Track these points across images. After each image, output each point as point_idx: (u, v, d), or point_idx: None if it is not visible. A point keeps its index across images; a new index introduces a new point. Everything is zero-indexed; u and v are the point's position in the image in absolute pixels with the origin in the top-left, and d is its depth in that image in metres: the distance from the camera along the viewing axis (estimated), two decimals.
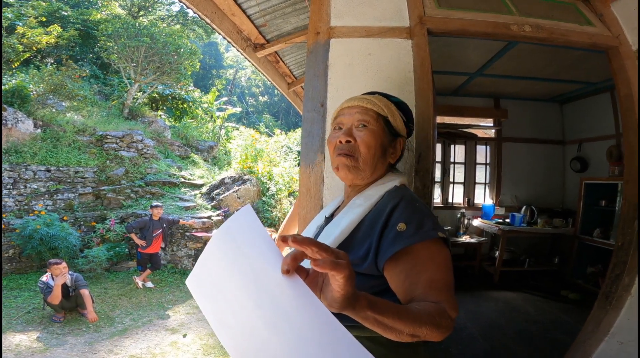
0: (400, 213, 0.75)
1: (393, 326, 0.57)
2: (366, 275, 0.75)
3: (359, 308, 0.53)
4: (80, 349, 3.35)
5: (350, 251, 0.77)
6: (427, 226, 0.72)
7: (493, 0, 1.62)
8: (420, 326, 0.58)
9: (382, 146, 0.87)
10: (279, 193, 7.94)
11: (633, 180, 1.66)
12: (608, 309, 1.69)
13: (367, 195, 0.85)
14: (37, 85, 7.27)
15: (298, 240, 0.49)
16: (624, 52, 1.62)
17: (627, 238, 1.68)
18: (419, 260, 0.70)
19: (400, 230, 0.72)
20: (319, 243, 0.49)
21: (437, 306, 0.63)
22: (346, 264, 0.49)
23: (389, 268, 0.72)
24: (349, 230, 0.81)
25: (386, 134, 0.89)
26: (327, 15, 1.48)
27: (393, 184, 0.86)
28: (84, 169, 6.66)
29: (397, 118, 0.90)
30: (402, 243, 0.70)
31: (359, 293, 0.54)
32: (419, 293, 0.67)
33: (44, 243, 5.09)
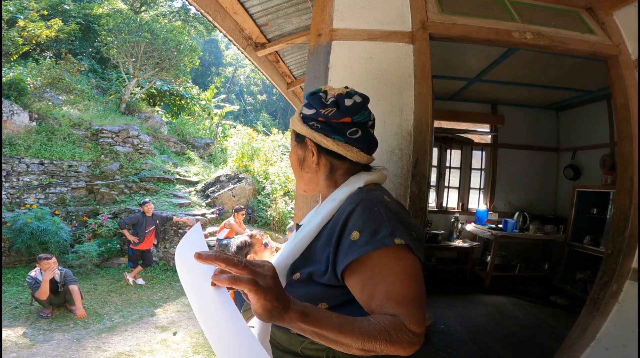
0: (355, 220, 0.69)
1: (337, 340, 0.56)
2: (330, 286, 0.71)
3: (289, 320, 0.54)
4: (67, 345, 3.30)
5: (313, 261, 0.74)
6: (382, 233, 0.66)
7: (496, 7, 1.63)
8: (369, 341, 0.56)
9: (298, 159, 0.87)
10: (275, 192, 7.92)
11: (625, 189, 1.69)
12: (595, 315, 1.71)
13: (330, 200, 0.80)
14: (35, 78, 7.20)
15: (202, 256, 0.52)
16: (623, 61, 1.64)
17: (617, 246, 1.71)
18: (375, 270, 0.65)
19: (353, 238, 0.67)
20: (227, 258, 0.52)
21: (393, 320, 0.59)
22: (248, 280, 0.51)
23: (348, 278, 0.68)
24: (309, 239, 0.77)
25: (297, 145, 0.86)
26: (330, 17, 1.48)
27: (356, 186, 0.79)
28: (78, 163, 6.59)
29: (296, 122, 0.85)
30: (354, 253, 0.66)
31: (292, 305, 0.54)
32: (376, 305, 0.63)
33: (34, 237, 5.02)
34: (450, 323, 3.03)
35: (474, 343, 2.69)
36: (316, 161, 0.83)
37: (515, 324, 3.11)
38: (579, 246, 3.80)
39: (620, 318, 1.65)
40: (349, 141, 0.80)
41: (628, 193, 1.67)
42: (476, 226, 4.50)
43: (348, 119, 0.80)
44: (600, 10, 1.71)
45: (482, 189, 4.90)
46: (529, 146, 4.71)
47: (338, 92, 0.82)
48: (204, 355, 3.39)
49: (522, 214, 4.34)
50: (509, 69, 3.29)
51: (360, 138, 0.81)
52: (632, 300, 1.62)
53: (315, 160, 0.83)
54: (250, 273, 0.52)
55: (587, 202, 3.87)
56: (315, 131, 0.81)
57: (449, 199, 4.94)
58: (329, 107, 0.80)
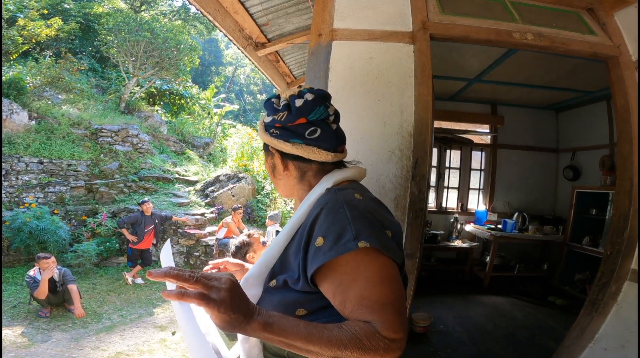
0: (320, 224, 0.66)
1: (306, 348, 0.55)
2: (306, 293, 0.68)
3: (251, 330, 0.55)
4: (65, 345, 3.29)
5: (287, 268, 0.72)
6: (346, 238, 0.62)
7: (496, 8, 1.63)
8: (339, 350, 0.55)
9: (270, 168, 0.86)
10: (274, 192, 7.92)
11: (624, 190, 1.69)
12: (594, 316, 1.72)
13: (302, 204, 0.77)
14: (34, 77, 7.19)
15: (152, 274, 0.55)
16: (623, 62, 1.64)
17: (616, 247, 1.71)
18: (344, 276, 0.62)
19: (318, 245, 0.64)
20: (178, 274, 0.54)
21: (365, 327, 0.56)
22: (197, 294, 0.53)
23: (319, 285, 0.66)
24: (282, 247, 0.74)
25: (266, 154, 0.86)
26: (330, 17, 1.48)
27: (325, 187, 0.75)
28: (77, 162, 6.57)
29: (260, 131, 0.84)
30: (318, 260, 0.63)
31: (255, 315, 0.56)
32: (349, 311, 0.61)
33: (33, 237, 5.01)
34: (449, 324, 3.03)
35: (472, 344, 2.69)
36: (283, 168, 0.82)
37: (513, 324, 3.11)
38: (578, 247, 3.81)
39: (618, 319, 1.65)
40: (309, 141, 0.77)
41: (627, 194, 1.67)
42: (475, 227, 4.51)
43: (303, 119, 0.77)
44: (601, 11, 1.71)
45: (482, 190, 4.90)
46: (528, 147, 4.72)
47: (290, 94, 0.80)
48: None
49: (521, 214, 4.35)
50: (509, 70, 3.29)
51: (320, 136, 0.77)
52: (630, 301, 1.62)
53: (281, 167, 0.82)
54: (202, 287, 0.53)
55: (586, 203, 3.88)
56: (275, 138, 0.79)
57: (449, 199, 4.94)
58: (281, 111, 0.78)
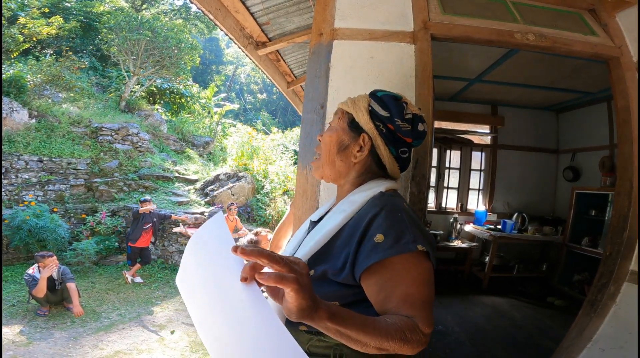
0: (380, 223, 0.71)
1: (357, 338, 0.57)
2: (344, 284, 0.73)
3: (318, 319, 0.53)
4: (64, 343, 3.29)
5: (329, 259, 0.76)
6: (405, 239, 0.69)
7: (498, 8, 1.63)
8: (386, 340, 0.58)
9: (338, 143, 0.85)
10: (274, 191, 7.91)
11: (624, 191, 1.69)
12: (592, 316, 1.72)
13: (351, 201, 0.81)
14: (35, 75, 7.19)
15: (246, 251, 0.50)
16: (624, 63, 1.63)
17: (616, 248, 1.71)
18: (395, 273, 0.68)
19: (377, 241, 0.69)
20: (271, 256, 0.50)
21: (408, 321, 0.62)
22: (293, 278, 0.49)
23: (365, 279, 0.70)
24: (328, 237, 0.78)
25: (347, 131, 0.85)
26: (331, 17, 1.48)
27: (378, 190, 0.81)
28: (77, 161, 6.57)
29: (361, 112, 0.84)
30: (378, 255, 0.68)
31: (321, 303, 0.54)
32: (392, 306, 0.66)
33: (32, 235, 5.00)
34: (448, 324, 3.03)
35: (471, 344, 2.70)
36: (361, 158, 0.84)
37: (512, 325, 3.11)
38: (577, 248, 3.81)
39: (617, 320, 1.65)
40: (397, 157, 0.85)
41: (627, 195, 1.67)
42: (475, 227, 4.51)
43: (410, 139, 0.85)
44: (602, 12, 1.71)
45: (481, 190, 4.90)
46: (528, 147, 4.72)
47: (415, 112, 0.86)
48: (201, 353, 3.39)
49: (520, 215, 4.35)
50: (510, 70, 3.29)
51: (406, 158, 0.87)
52: (629, 302, 1.63)
53: (360, 156, 0.84)
54: (290, 271, 0.51)
55: (586, 204, 3.88)
56: (379, 134, 0.83)
57: (448, 199, 4.94)
58: (406, 122, 0.84)
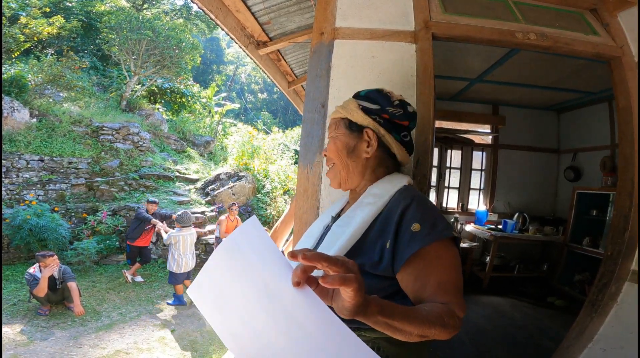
0: (413, 213, 0.74)
1: (402, 328, 0.58)
2: (380, 277, 0.75)
3: (370, 314, 0.55)
4: (64, 343, 3.30)
5: (363, 253, 0.77)
6: (440, 226, 0.72)
7: (499, 8, 1.63)
8: (429, 327, 0.60)
9: (346, 147, 0.89)
10: (274, 190, 7.92)
11: (626, 191, 1.69)
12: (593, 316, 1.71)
13: (376, 194, 0.84)
14: (36, 75, 7.20)
15: (308, 256, 0.50)
16: (626, 63, 1.63)
17: (617, 248, 1.71)
18: (428, 262, 0.70)
19: (414, 230, 0.72)
20: (330, 258, 0.50)
21: (445, 307, 0.64)
22: (354, 277, 0.49)
23: (404, 269, 0.72)
24: (363, 229, 0.79)
25: (348, 134, 0.89)
26: (332, 16, 1.48)
27: (403, 183, 0.85)
28: (78, 160, 6.58)
29: (354, 112, 0.89)
30: (418, 243, 0.70)
31: (370, 299, 0.55)
32: (428, 294, 0.68)
33: (33, 234, 5.01)
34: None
35: (471, 344, 2.69)
36: (372, 152, 0.88)
37: (512, 325, 3.11)
38: (578, 248, 3.81)
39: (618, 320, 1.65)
40: (402, 141, 0.90)
41: (628, 195, 1.67)
42: (475, 227, 4.50)
43: (407, 122, 0.91)
44: (604, 11, 1.70)
45: (482, 190, 4.90)
46: (529, 147, 4.71)
47: (400, 98, 0.92)
48: (201, 352, 3.40)
49: (521, 215, 4.34)
50: (511, 70, 3.28)
51: (409, 141, 0.92)
52: (630, 302, 1.62)
53: (371, 151, 0.88)
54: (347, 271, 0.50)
55: (587, 204, 3.87)
56: (380, 125, 0.88)
57: (449, 199, 4.94)
58: (397, 107, 0.89)
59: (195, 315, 4.24)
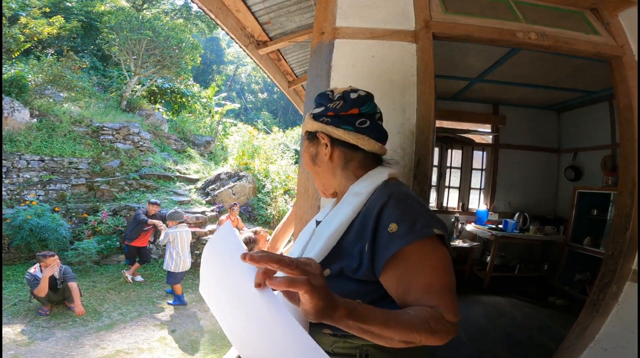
0: (391, 212, 0.69)
1: (381, 334, 0.56)
2: (364, 281, 0.70)
3: (338, 318, 0.53)
4: (65, 343, 3.30)
5: (342, 257, 0.73)
6: (420, 224, 0.66)
7: (500, 7, 1.62)
8: (411, 333, 0.57)
9: (310, 157, 0.89)
10: (275, 190, 7.92)
11: (626, 191, 1.69)
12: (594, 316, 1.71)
13: (355, 193, 0.80)
14: (36, 75, 7.21)
15: (255, 257, 0.50)
16: (627, 62, 1.63)
17: (618, 248, 1.70)
18: (412, 263, 0.65)
19: (391, 231, 0.67)
20: (281, 259, 0.50)
21: (432, 312, 0.60)
22: (305, 280, 0.49)
23: (384, 272, 0.68)
24: (340, 233, 0.76)
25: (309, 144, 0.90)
26: (333, 16, 1.47)
27: (381, 179, 0.80)
28: (79, 160, 6.59)
29: (308, 122, 0.89)
30: (395, 245, 0.65)
31: (340, 302, 0.53)
32: (414, 297, 0.64)
33: (33, 234, 5.02)
34: None
35: (472, 344, 2.69)
36: (329, 153, 0.85)
37: (513, 325, 3.10)
38: (579, 247, 3.80)
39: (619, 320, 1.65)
40: (359, 130, 0.84)
41: (629, 194, 1.67)
42: (476, 227, 4.50)
43: (355, 110, 0.85)
44: (604, 11, 1.70)
45: (483, 190, 4.89)
46: (530, 147, 4.70)
47: (343, 90, 0.88)
48: (202, 353, 3.40)
49: (522, 214, 4.34)
50: (511, 70, 3.28)
51: (370, 127, 0.85)
52: (631, 301, 1.62)
53: (328, 152, 0.85)
54: (302, 273, 0.50)
55: (588, 203, 3.87)
56: (326, 124, 0.85)
57: (450, 199, 4.94)
58: (336, 101, 0.86)
59: (195, 315, 4.24)
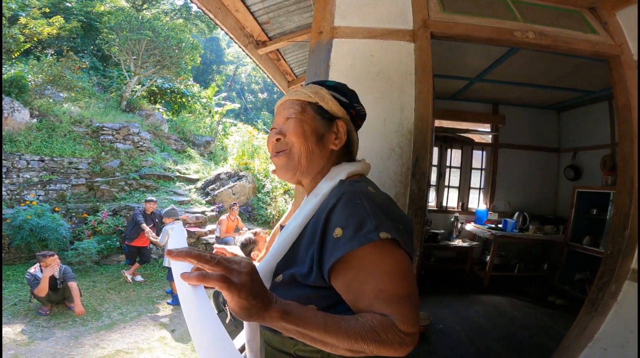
0: (338, 215, 0.65)
1: (322, 340, 0.54)
2: (316, 287, 0.66)
3: (269, 319, 0.52)
4: (65, 343, 3.30)
5: (296, 262, 0.70)
6: (367, 228, 0.61)
7: (498, 6, 1.63)
8: (356, 341, 0.54)
9: (315, 133, 0.79)
10: (275, 190, 7.92)
11: (625, 190, 1.69)
12: (593, 315, 1.71)
13: (315, 193, 0.76)
14: (36, 75, 7.21)
15: (173, 253, 0.52)
16: (625, 61, 1.63)
17: (617, 247, 1.71)
18: (361, 269, 0.61)
19: (336, 236, 0.63)
20: (199, 254, 0.51)
21: (382, 320, 0.56)
22: (219, 276, 0.49)
23: (333, 278, 0.64)
24: (293, 239, 0.73)
25: (318, 120, 0.80)
26: (331, 15, 1.48)
27: (338, 178, 0.75)
28: (78, 160, 6.59)
29: (330, 100, 0.82)
30: (339, 251, 0.61)
31: (272, 303, 0.53)
32: (364, 305, 0.60)
33: (33, 234, 5.02)
34: (448, 323, 3.03)
35: (471, 343, 2.69)
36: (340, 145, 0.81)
37: (513, 324, 3.11)
38: (578, 247, 3.80)
39: (618, 319, 1.65)
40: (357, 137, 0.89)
41: (628, 193, 1.67)
42: (476, 226, 4.50)
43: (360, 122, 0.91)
44: (603, 10, 1.70)
45: (482, 189, 4.89)
46: (529, 146, 4.71)
47: None
48: None
49: (521, 214, 4.34)
50: (511, 69, 3.28)
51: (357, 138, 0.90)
52: (630, 301, 1.62)
53: (339, 144, 0.81)
54: (223, 270, 0.50)
55: (587, 202, 3.87)
56: (350, 119, 0.86)
57: (449, 198, 4.94)
58: (361, 106, 0.88)
59: None
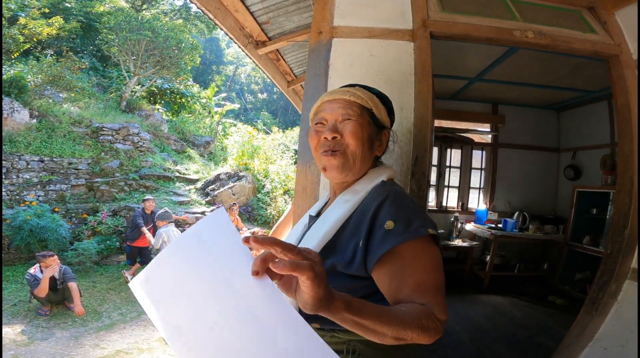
0: (388, 210, 0.71)
1: (374, 329, 0.55)
2: (355, 277, 0.71)
3: (335, 310, 0.52)
4: (65, 343, 3.30)
5: (336, 252, 0.74)
6: (416, 224, 0.68)
7: (497, 6, 1.63)
8: (404, 329, 0.56)
9: (369, 139, 0.84)
10: (275, 190, 7.92)
11: (625, 189, 1.69)
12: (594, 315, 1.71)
13: (355, 190, 0.81)
14: (36, 76, 7.21)
15: (259, 239, 0.48)
16: (624, 61, 1.63)
17: (617, 246, 1.71)
18: (405, 261, 0.66)
19: (388, 228, 0.68)
20: (285, 244, 0.48)
21: (423, 309, 0.60)
22: (308, 265, 0.47)
23: (376, 269, 0.68)
24: (336, 228, 0.77)
25: (372, 127, 0.84)
26: (331, 15, 1.48)
27: (380, 179, 0.82)
28: (78, 161, 6.59)
29: (381, 110, 0.87)
30: (390, 242, 0.66)
31: (336, 294, 0.52)
32: (405, 295, 0.64)
33: (33, 235, 5.02)
34: (449, 323, 3.02)
35: (472, 343, 2.69)
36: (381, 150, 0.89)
37: (513, 324, 3.11)
38: (579, 246, 3.80)
39: (618, 318, 1.65)
40: None
41: (628, 193, 1.67)
42: (476, 226, 4.50)
43: None
44: (602, 9, 1.70)
45: (482, 189, 4.89)
46: (529, 146, 4.71)
47: None
48: None
49: (521, 214, 4.34)
50: (510, 69, 3.28)
51: None
52: (631, 300, 1.62)
53: (380, 152, 0.89)
54: (304, 259, 0.48)
55: (587, 202, 3.87)
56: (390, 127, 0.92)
57: (449, 198, 4.94)
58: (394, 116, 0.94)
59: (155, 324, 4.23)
